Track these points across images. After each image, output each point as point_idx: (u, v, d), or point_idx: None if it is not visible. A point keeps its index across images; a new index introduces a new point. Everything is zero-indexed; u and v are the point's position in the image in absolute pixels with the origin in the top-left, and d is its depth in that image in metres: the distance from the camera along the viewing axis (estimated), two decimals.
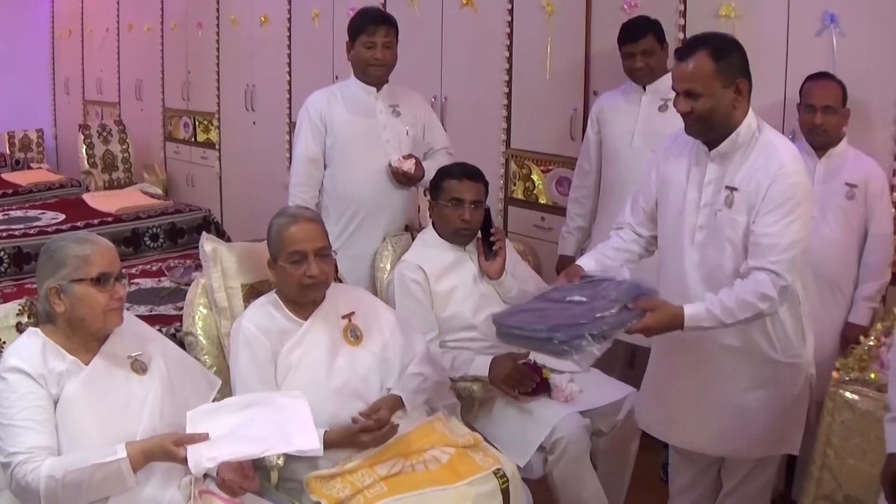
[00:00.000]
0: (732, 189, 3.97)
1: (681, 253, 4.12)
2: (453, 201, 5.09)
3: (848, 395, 4.12)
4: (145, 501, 3.55)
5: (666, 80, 5.56)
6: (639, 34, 5.70)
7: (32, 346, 3.60)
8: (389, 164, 5.67)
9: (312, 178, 5.77)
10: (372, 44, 5.63)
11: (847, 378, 4.19)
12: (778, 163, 3.89)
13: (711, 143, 4.05)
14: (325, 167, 5.77)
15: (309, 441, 3.59)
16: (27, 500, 3.40)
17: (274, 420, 3.65)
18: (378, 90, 5.78)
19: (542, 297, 4.02)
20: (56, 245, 3.72)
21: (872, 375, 4.17)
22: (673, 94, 5.60)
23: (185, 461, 3.43)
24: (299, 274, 4.13)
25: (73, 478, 3.35)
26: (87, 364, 3.65)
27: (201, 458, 3.41)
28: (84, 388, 3.57)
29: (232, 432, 3.54)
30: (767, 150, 3.96)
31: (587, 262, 4.28)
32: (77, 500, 3.41)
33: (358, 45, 5.67)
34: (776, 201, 3.84)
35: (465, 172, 5.17)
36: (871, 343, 4.38)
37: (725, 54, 3.96)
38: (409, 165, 5.64)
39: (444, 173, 5.22)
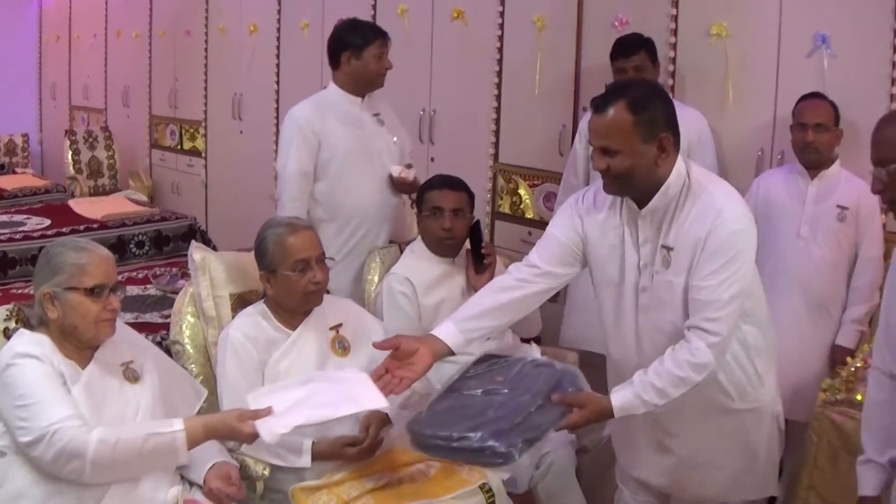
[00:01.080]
0: (668, 249, 3.66)
1: (626, 317, 3.84)
2: (434, 210, 5.10)
3: (835, 416, 4.14)
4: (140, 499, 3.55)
5: None
6: (631, 50, 5.72)
7: (36, 340, 3.59)
8: (391, 176, 5.70)
9: (304, 193, 5.71)
10: (381, 54, 5.70)
11: (834, 399, 4.20)
12: (714, 212, 3.56)
13: (640, 201, 3.69)
14: (315, 180, 5.71)
15: (377, 401, 3.56)
16: (67, 470, 3.36)
17: (337, 388, 3.63)
18: (362, 100, 5.78)
19: (454, 387, 3.76)
20: (55, 250, 3.71)
21: (859, 397, 4.19)
22: None
23: (249, 437, 3.45)
24: (305, 281, 4.13)
25: (125, 444, 3.35)
26: (83, 370, 3.63)
27: (274, 427, 3.38)
28: (83, 396, 3.55)
29: (298, 404, 3.51)
30: (702, 201, 3.61)
31: (450, 332, 3.84)
32: (124, 469, 3.44)
33: (366, 56, 5.68)
34: (713, 253, 3.54)
35: (445, 182, 5.19)
36: (858, 365, 4.40)
37: (646, 106, 3.57)
38: (412, 175, 5.70)
39: (425, 185, 5.25)
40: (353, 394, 3.59)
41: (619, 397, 3.59)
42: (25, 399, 3.40)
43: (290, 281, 4.14)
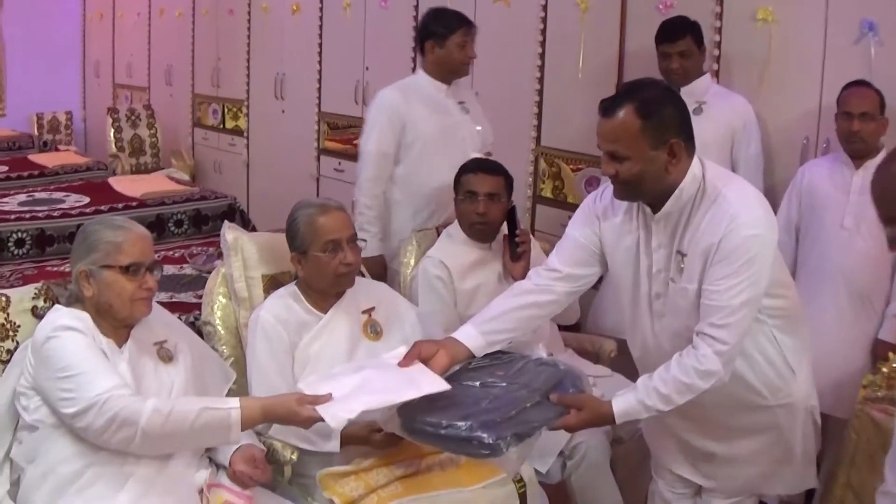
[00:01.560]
0: (682, 255, 3.57)
1: (642, 322, 3.80)
2: (468, 195, 5.05)
3: (875, 413, 4.06)
4: (160, 491, 3.51)
5: (701, 83, 5.51)
6: (677, 35, 5.63)
7: (76, 315, 3.58)
8: None
9: (383, 173, 5.84)
10: (465, 43, 5.81)
11: (874, 396, 4.13)
12: (728, 217, 3.44)
13: (654, 205, 3.61)
14: (396, 163, 5.88)
15: (437, 384, 3.51)
16: (118, 440, 3.36)
17: (392, 374, 3.60)
18: (448, 87, 5.88)
19: (452, 377, 3.66)
20: (92, 228, 3.71)
21: None
22: (708, 96, 5.53)
23: (308, 422, 3.42)
24: (336, 262, 4.09)
25: (178, 416, 3.35)
26: (120, 348, 3.63)
27: (338, 412, 3.35)
28: (128, 371, 3.56)
29: (356, 390, 3.49)
30: (717, 205, 3.50)
31: (470, 335, 3.83)
32: (175, 441, 3.46)
33: (450, 45, 5.80)
34: (725, 257, 3.43)
35: (481, 166, 5.15)
36: None
37: (655, 111, 3.46)
38: None
39: (462, 169, 5.20)
40: (411, 378, 3.55)
41: (621, 402, 3.55)
42: (70, 370, 3.40)
43: (320, 262, 4.09)
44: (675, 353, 3.55)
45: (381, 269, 5.77)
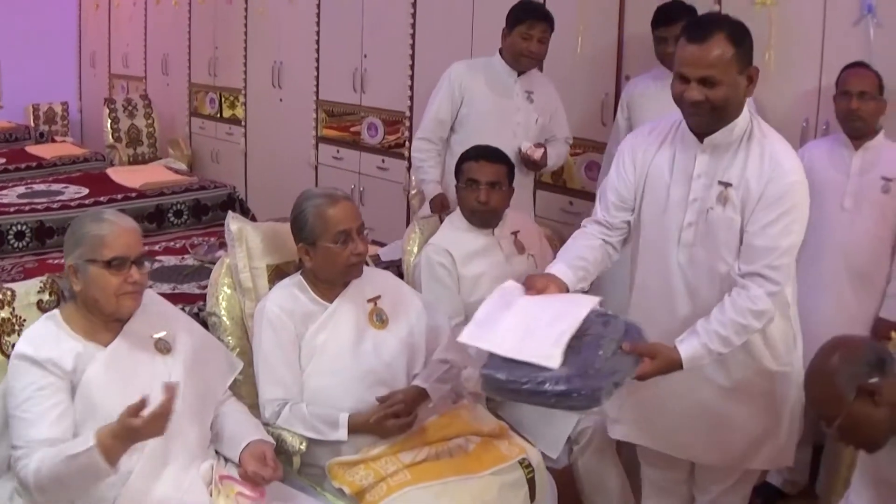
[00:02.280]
0: (727, 185, 3.68)
1: (665, 255, 3.85)
2: (469, 182, 5.08)
3: None
4: (165, 483, 3.52)
5: None
6: (673, 18, 5.61)
7: (45, 331, 3.57)
8: (519, 150, 5.93)
9: (436, 136, 6.22)
10: (529, 36, 5.97)
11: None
12: (774, 161, 3.62)
13: (702, 133, 3.73)
14: (453, 131, 6.23)
15: (588, 300, 3.58)
16: (28, 497, 3.38)
17: (546, 303, 3.62)
18: (519, 74, 6.06)
19: None
20: (79, 221, 3.68)
21: None
22: None
23: (141, 432, 3.22)
24: (347, 253, 4.09)
25: (49, 471, 3.26)
26: (107, 346, 3.60)
27: (548, 348, 3.36)
28: (105, 371, 3.53)
29: (527, 332, 3.47)
30: (763, 146, 3.68)
31: (562, 271, 3.86)
32: (65, 491, 3.35)
33: (514, 35, 6.01)
34: (773, 201, 3.58)
35: (482, 154, 5.18)
36: None
37: (743, 39, 3.61)
38: (539, 154, 5.96)
39: (463, 156, 5.24)
40: (566, 304, 3.60)
41: (687, 347, 3.59)
42: (10, 408, 3.44)
43: (331, 253, 4.09)
44: (691, 289, 3.77)
45: (444, 204, 6.06)
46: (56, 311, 3.67)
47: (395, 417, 3.95)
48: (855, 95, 5.01)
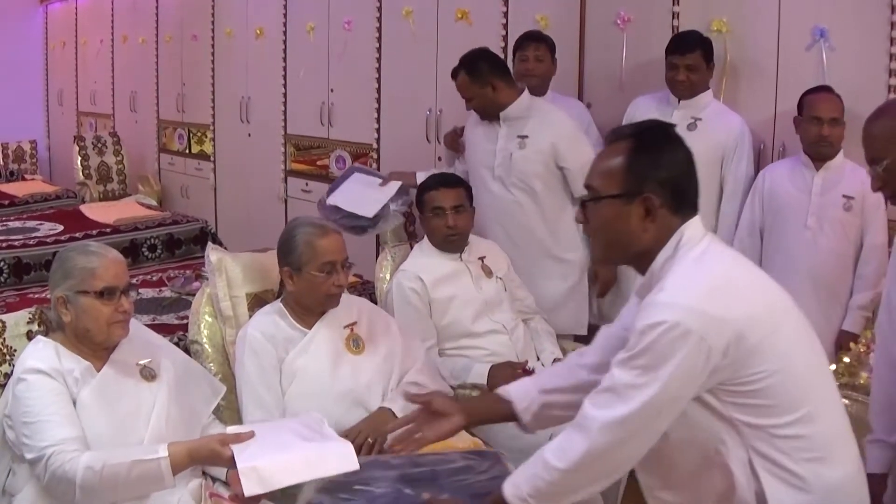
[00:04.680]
0: None
1: None
2: (435, 210, 5.22)
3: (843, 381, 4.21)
4: (154, 502, 3.58)
5: (702, 99, 5.61)
6: (687, 48, 5.68)
7: (46, 350, 3.65)
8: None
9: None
10: (525, 57, 6.35)
11: (838, 383, 4.28)
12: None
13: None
14: None
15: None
16: (61, 493, 3.41)
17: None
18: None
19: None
20: (66, 255, 3.76)
21: (862, 380, 4.26)
22: (705, 114, 5.65)
23: (229, 461, 3.41)
24: (329, 283, 4.19)
25: (111, 471, 3.35)
26: (98, 371, 3.69)
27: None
28: (96, 396, 3.62)
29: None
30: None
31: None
32: (113, 494, 3.43)
33: (516, 61, 6.41)
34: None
35: (441, 181, 5.33)
36: (862, 350, 4.47)
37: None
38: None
39: (422, 187, 5.38)
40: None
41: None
42: (29, 417, 3.47)
43: (315, 281, 4.19)
44: None
45: (458, 133, 6.56)
46: (48, 338, 3.75)
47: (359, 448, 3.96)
48: (826, 122, 5.15)
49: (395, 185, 6.11)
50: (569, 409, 3.20)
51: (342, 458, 3.43)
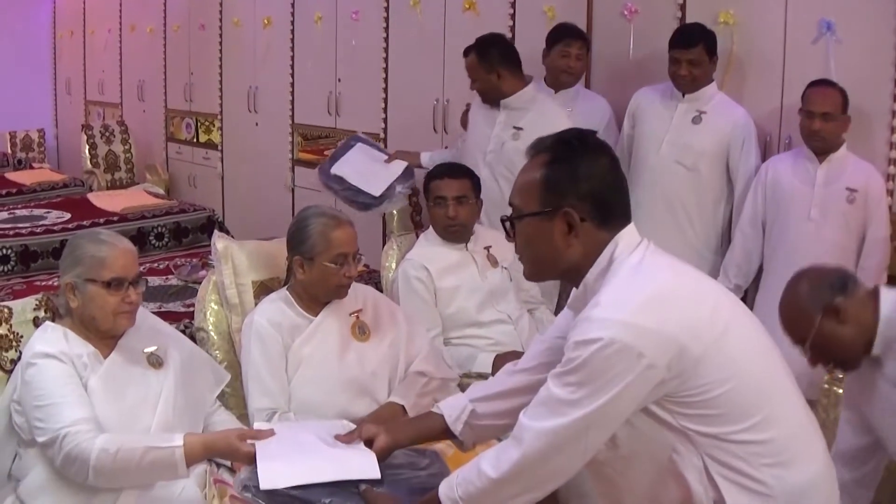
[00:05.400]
0: None
1: None
2: (437, 200, 5.22)
3: (840, 391, 4.22)
4: (158, 490, 3.61)
5: (706, 92, 5.60)
6: (690, 42, 5.66)
7: (55, 334, 3.65)
8: None
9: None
10: (567, 53, 6.36)
11: (840, 376, 4.29)
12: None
13: None
14: None
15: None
16: (73, 473, 3.41)
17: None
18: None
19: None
20: (77, 241, 3.77)
21: None
22: (709, 107, 5.65)
23: (246, 457, 3.41)
24: (340, 275, 4.18)
25: (125, 455, 3.36)
26: (105, 357, 3.70)
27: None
28: (104, 383, 3.63)
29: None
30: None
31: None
32: (125, 478, 3.45)
33: (553, 54, 6.41)
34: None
35: (446, 171, 5.33)
36: None
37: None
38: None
39: (429, 175, 5.39)
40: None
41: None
42: (42, 400, 3.48)
43: (327, 271, 4.17)
44: None
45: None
46: (56, 323, 3.76)
47: None
48: (818, 116, 5.15)
49: (400, 165, 6.33)
50: (502, 417, 3.23)
51: (364, 466, 3.38)
